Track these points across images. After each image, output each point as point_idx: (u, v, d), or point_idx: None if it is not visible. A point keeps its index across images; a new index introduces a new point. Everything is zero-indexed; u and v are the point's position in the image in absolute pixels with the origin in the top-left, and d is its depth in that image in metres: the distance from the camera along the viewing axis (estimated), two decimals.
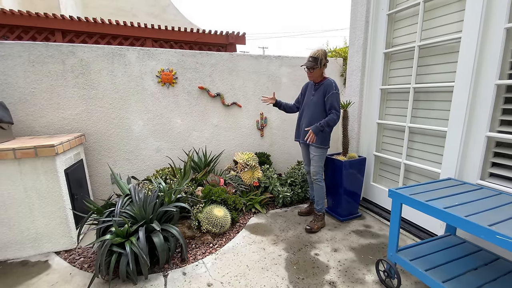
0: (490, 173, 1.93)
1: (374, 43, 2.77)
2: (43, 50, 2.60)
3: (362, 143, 3.05)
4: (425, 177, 2.41)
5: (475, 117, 1.93)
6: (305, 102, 2.62)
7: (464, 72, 1.94)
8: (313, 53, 2.39)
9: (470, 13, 1.88)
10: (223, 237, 2.45)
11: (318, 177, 2.53)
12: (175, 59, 3.06)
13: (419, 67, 2.36)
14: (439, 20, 2.20)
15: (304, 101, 2.63)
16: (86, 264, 2.10)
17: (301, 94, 2.72)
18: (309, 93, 2.60)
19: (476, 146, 1.93)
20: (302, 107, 2.65)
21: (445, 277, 1.54)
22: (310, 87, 2.60)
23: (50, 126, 2.73)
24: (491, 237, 1.21)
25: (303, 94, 2.68)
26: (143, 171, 3.15)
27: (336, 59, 3.81)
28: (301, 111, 2.67)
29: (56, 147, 2.10)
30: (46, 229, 2.22)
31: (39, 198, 2.16)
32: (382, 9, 2.63)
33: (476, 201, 1.55)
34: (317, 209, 2.61)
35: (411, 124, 2.45)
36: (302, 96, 2.70)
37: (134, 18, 6.84)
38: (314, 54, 2.38)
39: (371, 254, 2.19)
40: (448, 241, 1.92)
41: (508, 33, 1.73)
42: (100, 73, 2.81)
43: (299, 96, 2.75)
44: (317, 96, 2.48)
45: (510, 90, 1.80)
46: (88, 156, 2.89)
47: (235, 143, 3.53)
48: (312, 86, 2.58)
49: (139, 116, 3.02)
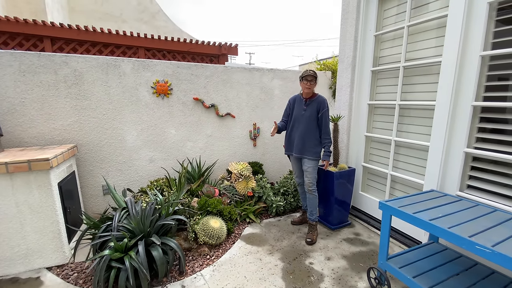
0: (468, 185, 2.11)
1: (362, 61, 2.95)
2: (34, 60, 2.56)
3: (351, 155, 3.21)
4: (410, 187, 2.58)
5: (454, 134, 2.11)
6: (295, 116, 2.69)
7: (444, 92, 2.13)
8: (312, 71, 2.57)
9: (450, 40, 2.08)
10: (219, 248, 2.49)
11: (313, 188, 2.64)
12: (170, 71, 3.09)
13: (403, 85, 2.55)
14: (422, 44, 2.40)
15: (294, 115, 2.70)
16: (81, 280, 2.06)
17: (289, 108, 2.76)
18: (299, 108, 2.67)
19: (455, 160, 2.11)
20: (292, 121, 2.72)
21: (431, 283, 1.67)
22: (299, 101, 2.68)
23: (41, 137, 2.67)
24: (471, 247, 1.35)
25: (292, 108, 2.74)
26: (136, 182, 3.13)
27: (325, 72, 3.98)
28: (291, 125, 2.73)
29: (51, 161, 2.07)
30: (37, 244, 2.17)
31: (31, 213, 2.11)
32: (369, 30, 2.82)
33: (456, 212, 1.71)
34: (311, 219, 2.71)
35: (396, 138, 2.62)
36: (290, 110, 2.75)
37: (123, 24, 6.77)
38: (313, 71, 2.56)
39: (362, 261, 2.31)
40: (432, 248, 2.07)
41: (483, 60, 1.93)
42: (94, 83, 2.79)
43: (287, 111, 2.79)
44: (309, 111, 2.61)
45: (485, 110, 2.00)
46: (80, 167, 2.84)
47: (229, 153, 3.59)
48: (301, 101, 2.67)
49: (133, 126, 3.02)
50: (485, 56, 1.92)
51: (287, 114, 2.80)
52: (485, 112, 2.00)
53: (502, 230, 1.48)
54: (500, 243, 1.34)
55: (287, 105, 2.80)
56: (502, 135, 1.92)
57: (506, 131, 1.96)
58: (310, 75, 2.53)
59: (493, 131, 2.02)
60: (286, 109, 2.81)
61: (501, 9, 1.88)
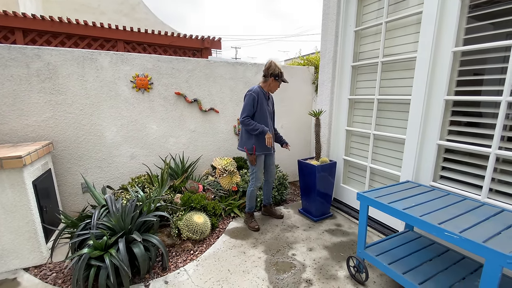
0: (441, 175, 2.22)
1: (343, 56, 3.00)
2: (4, 53, 2.43)
3: (332, 148, 3.28)
4: (388, 179, 2.68)
5: (428, 127, 2.21)
6: (263, 112, 2.56)
7: (419, 87, 2.21)
8: (279, 67, 2.53)
9: (424, 36, 2.15)
10: (203, 243, 2.49)
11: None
12: (150, 64, 3.02)
13: (382, 80, 2.62)
14: (399, 40, 2.46)
15: (262, 111, 2.55)
16: (59, 280, 2.01)
17: (257, 104, 2.51)
18: (264, 103, 2.56)
19: (429, 152, 2.21)
20: (260, 118, 2.55)
21: (405, 269, 1.76)
22: (262, 97, 2.54)
23: (13, 133, 2.55)
24: (441, 234, 1.43)
25: (259, 103, 2.52)
26: (117, 179, 3.06)
27: (308, 67, 4.02)
28: (263, 121, 2.57)
29: (23, 158, 1.99)
30: (12, 244, 2.09)
31: (4, 213, 2.02)
32: (350, 25, 2.86)
33: (429, 201, 1.80)
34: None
35: (375, 132, 2.70)
36: (256, 106, 2.52)
37: (101, 16, 6.49)
38: (280, 67, 2.54)
39: (342, 251, 2.39)
40: (407, 236, 2.17)
41: (454, 56, 2.01)
42: (69, 77, 2.68)
43: (254, 107, 2.51)
44: (271, 106, 2.74)
45: (456, 104, 2.10)
46: (57, 165, 2.74)
47: (213, 148, 3.57)
48: (264, 96, 2.56)
49: (112, 122, 2.93)
50: (457, 52, 2.00)
51: (253, 109, 2.52)
52: (456, 106, 2.10)
53: (470, 218, 1.57)
54: (468, 229, 1.42)
55: (252, 99, 2.49)
56: (473, 128, 2.02)
57: (476, 124, 2.07)
58: (285, 78, 2.59)
59: (464, 124, 2.13)
60: (251, 103, 2.49)
61: (473, 6, 1.96)
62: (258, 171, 2.67)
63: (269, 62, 2.53)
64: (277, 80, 2.54)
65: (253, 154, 2.59)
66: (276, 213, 3.01)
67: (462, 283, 1.64)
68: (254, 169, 2.67)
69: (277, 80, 2.54)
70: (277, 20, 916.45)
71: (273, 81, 2.54)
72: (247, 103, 2.50)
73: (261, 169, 2.71)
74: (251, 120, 2.51)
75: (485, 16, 1.90)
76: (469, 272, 1.73)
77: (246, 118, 2.50)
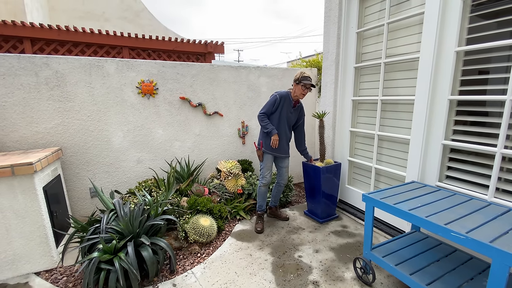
0: (446, 175, 2.21)
1: (345, 57, 3.01)
2: (14, 62, 2.49)
3: (337, 150, 3.28)
4: (393, 179, 2.67)
5: (432, 127, 2.20)
6: (282, 115, 2.63)
7: (423, 87, 2.21)
8: (301, 72, 2.58)
9: (426, 36, 2.16)
10: (210, 246, 2.52)
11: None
12: (155, 70, 3.07)
13: (385, 81, 2.63)
14: (401, 40, 2.47)
15: (282, 115, 2.62)
16: (70, 284, 2.05)
17: (277, 104, 2.59)
18: (287, 110, 2.64)
19: (434, 152, 2.21)
20: (278, 120, 2.63)
21: (412, 269, 1.75)
22: (288, 102, 2.62)
23: (23, 140, 2.61)
24: (447, 234, 1.43)
25: (281, 106, 2.60)
26: (124, 183, 3.11)
27: (311, 69, 4.04)
28: (277, 124, 2.64)
29: (34, 165, 2.04)
30: (24, 249, 2.14)
31: (16, 218, 2.07)
32: (351, 27, 2.88)
33: (435, 202, 1.79)
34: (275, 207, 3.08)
35: (379, 132, 2.70)
36: (278, 107, 2.60)
37: (106, 23, 6.61)
38: (310, 78, 2.57)
39: (349, 252, 2.39)
40: (414, 237, 2.16)
41: (457, 56, 2.01)
42: (77, 85, 2.74)
43: (274, 106, 2.59)
44: (295, 114, 2.75)
45: (460, 104, 2.10)
46: (66, 170, 2.80)
47: (218, 151, 3.60)
48: (290, 102, 2.64)
49: (119, 127, 2.99)
50: (460, 52, 2.01)
51: (272, 109, 2.61)
52: (461, 105, 2.09)
53: (477, 217, 1.57)
54: (474, 229, 1.42)
55: (274, 100, 2.58)
56: (478, 127, 2.01)
57: (481, 123, 2.06)
58: (312, 84, 2.55)
59: (469, 123, 2.12)
60: (272, 103, 2.59)
61: (475, 5, 1.96)
62: (264, 169, 2.78)
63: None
64: (299, 84, 2.56)
65: (260, 149, 2.75)
66: (281, 215, 3.02)
67: (470, 283, 1.63)
68: (261, 165, 2.80)
69: (299, 84, 2.56)
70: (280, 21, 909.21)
71: (296, 85, 2.60)
72: (269, 101, 2.65)
73: (268, 168, 2.78)
74: (266, 118, 2.63)
75: (487, 15, 1.90)
76: (477, 273, 1.72)
77: (262, 114, 2.63)
